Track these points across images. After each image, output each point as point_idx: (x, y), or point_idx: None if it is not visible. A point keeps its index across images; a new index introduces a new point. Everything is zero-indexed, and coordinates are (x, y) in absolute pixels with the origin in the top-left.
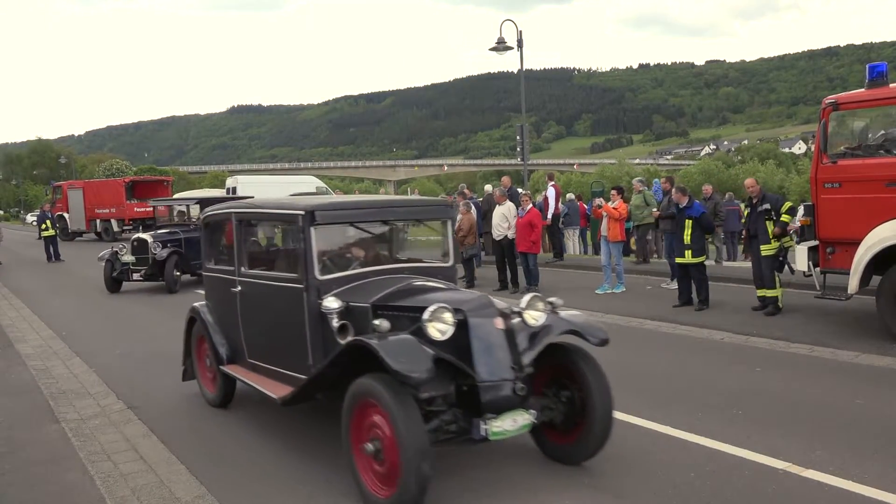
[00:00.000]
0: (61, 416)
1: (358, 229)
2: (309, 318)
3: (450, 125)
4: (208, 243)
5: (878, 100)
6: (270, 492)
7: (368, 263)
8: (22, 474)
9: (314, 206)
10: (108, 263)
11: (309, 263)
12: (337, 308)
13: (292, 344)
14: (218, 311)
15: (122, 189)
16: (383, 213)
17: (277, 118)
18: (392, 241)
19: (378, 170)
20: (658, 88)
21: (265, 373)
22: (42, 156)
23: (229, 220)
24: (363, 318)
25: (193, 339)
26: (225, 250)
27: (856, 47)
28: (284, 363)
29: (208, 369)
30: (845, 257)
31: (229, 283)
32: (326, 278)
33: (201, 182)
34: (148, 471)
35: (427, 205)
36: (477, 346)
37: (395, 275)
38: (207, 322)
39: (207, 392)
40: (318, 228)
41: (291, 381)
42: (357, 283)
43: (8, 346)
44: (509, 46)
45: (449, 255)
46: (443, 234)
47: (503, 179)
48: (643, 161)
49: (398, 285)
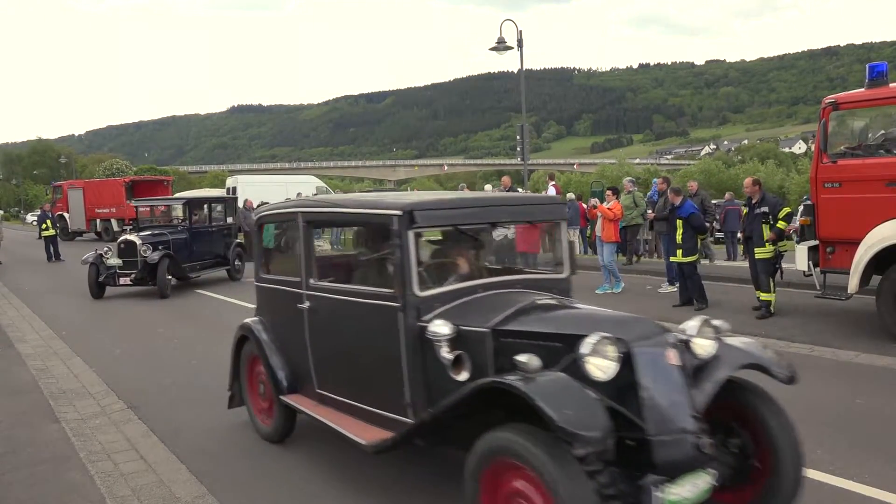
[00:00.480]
0: (61, 416)
1: (460, 233)
2: (406, 344)
3: (450, 125)
4: (264, 249)
5: (878, 99)
6: (271, 491)
7: (470, 275)
8: (22, 474)
9: (412, 204)
10: (93, 267)
11: (407, 276)
12: (448, 334)
13: (381, 375)
14: (278, 330)
15: (122, 189)
16: (491, 214)
17: (278, 118)
18: (495, 246)
19: (378, 170)
20: (658, 88)
21: (342, 408)
22: (42, 155)
23: (294, 221)
24: (479, 346)
25: (244, 360)
26: (287, 258)
27: (856, 47)
28: (370, 398)
29: (263, 398)
30: (845, 257)
31: (294, 298)
32: (427, 294)
33: (201, 182)
34: (148, 470)
35: (540, 203)
36: (647, 387)
37: (504, 289)
38: (263, 342)
39: (261, 425)
40: (416, 232)
41: (380, 421)
42: (463, 301)
43: (8, 346)
44: (509, 46)
45: (563, 263)
46: (556, 238)
47: (503, 179)
48: (643, 161)
49: (521, 303)
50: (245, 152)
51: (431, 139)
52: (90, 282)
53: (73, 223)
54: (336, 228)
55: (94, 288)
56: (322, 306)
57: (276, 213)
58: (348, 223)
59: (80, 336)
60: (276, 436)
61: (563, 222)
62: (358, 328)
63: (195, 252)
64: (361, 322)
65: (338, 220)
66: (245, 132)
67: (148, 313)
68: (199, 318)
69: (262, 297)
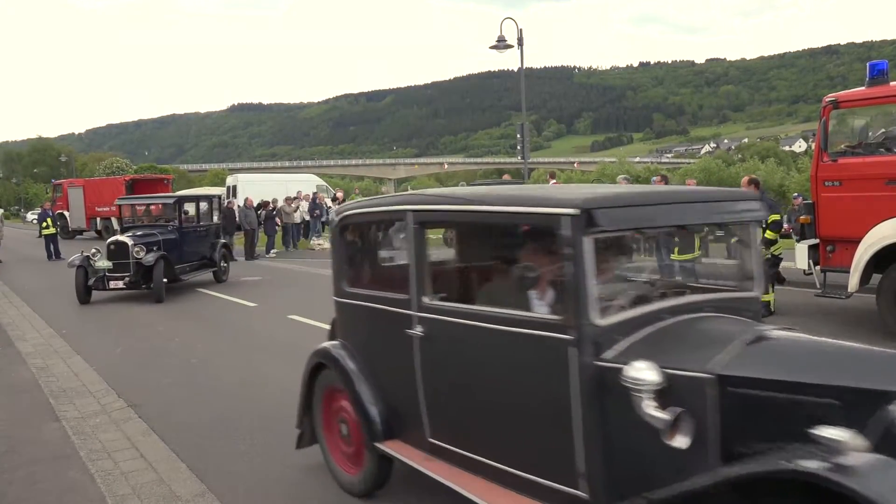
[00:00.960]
0: (61, 415)
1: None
2: (580, 391)
3: (450, 123)
4: (349, 256)
5: (879, 98)
6: (271, 490)
7: (654, 295)
8: (22, 473)
9: (590, 200)
10: (81, 270)
11: (582, 298)
12: (657, 383)
13: (537, 430)
14: (371, 359)
15: (122, 187)
16: (684, 213)
17: (278, 116)
18: None
19: (378, 168)
20: (658, 87)
21: (469, 466)
22: (42, 154)
23: (401, 221)
24: (697, 398)
25: (318, 392)
26: (388, 268)
27: (856, 45)
28: (517, 459)
29: (346, 441)
30: (845, 255)
31: (398, 321)
32: (609, 323)
33: (202, 181)
34: (148, 469)
35: (735, 198)
36: None
37: (695, 313)
38: (350, 373)
39: (343, 473)
40: (597, 239)
41: (534, 491)
42: (651, 331)
43: (8, 345)
44: (510, 45)
45: (754, 278)
46: (748, 243)
47: (503, 178)
48: (643, 159)
49: (742, 335)
50: (245, 151)
51: (431, 138)
52: (78, 286)
53: (73, 222)
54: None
55: (82, 293)
56: (442, 334)
57: (371, 211)
58: (485, 225)
59: (80, 335)
60: (365, 488)
61: (757, 224)
62: (500, 366)
63: (185, 253)
64: (506, 358)
65: (468, 220)
66: (245, 131)
67: (147, 312)
68: (198, 317)
69: (347, 316)
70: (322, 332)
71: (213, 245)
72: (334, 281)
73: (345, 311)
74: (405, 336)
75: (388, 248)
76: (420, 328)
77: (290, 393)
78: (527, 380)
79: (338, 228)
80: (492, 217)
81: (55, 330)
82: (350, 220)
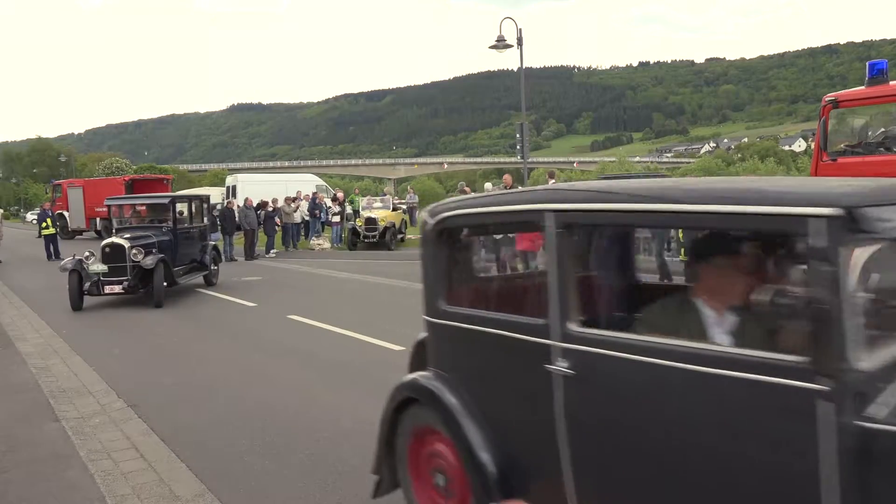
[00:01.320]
0: (61, 415)
1: None
2: (838, 463)
3: (450, 123)
4: (450, 266)
5: (878, 97)
6: (271, 489)
7: None
8: (22, 472)
9: (849, 195)
10: (74, 274)
11: (839, 333)
12: None
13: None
14: (483, 396)
15: (121, 187)
16: None
17: (277, 116)
18: None
19: (378, 168)
20: (658, 86)
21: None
22: (42, 154)
23: (534, 223)
24: None
25: (404, 433)
26: (510, 283)
27: (856, 45)
28: None
29: (444, 495)
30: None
31: (528, 351)
32: (878, 366)
33: (201, 180)
34: (148, 469)
35: None
36: None
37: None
38: (454, 410)
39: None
40: (863, 248)
41: None
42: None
43: (8, 345)
44: (509, 44)
45: None
46: None
47: (505, 177)
48: (643, 159)
49: None
50: (245, 151)
51: (431, 137)
52: (72, 292)
53: (72, 222)
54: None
55: (76, 299)
56: (602, 373)
57: (487, 211)
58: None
59: (79, 334)
60: None
61: None
62: (696, 423)
63: (179, 255)
64: (708, 413)
65: (641, 223)
66: (245, 131)
67: (147, 312)
68: (198, 317)
69: (447, 341)
70: (322, 331)
71: (203, 248)
72: (427, 297)
73: (443, 334)
74: (540, 372)
75: (511, 258)
76: (565, 363)
77: (290, 393)
78: (741, 444)
79: (435, 232)
80: (689, 220)
81: (55, 330)
82: (454, 222)
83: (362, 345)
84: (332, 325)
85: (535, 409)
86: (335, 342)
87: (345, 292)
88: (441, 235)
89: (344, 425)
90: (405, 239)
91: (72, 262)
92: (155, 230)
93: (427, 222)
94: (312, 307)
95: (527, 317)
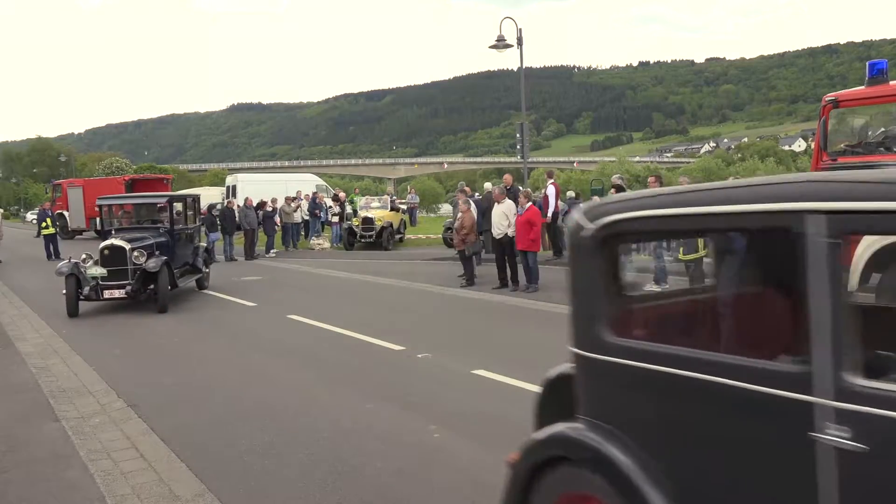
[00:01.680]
0: (61, 415)
1: None
2: None
3: (450, 123)
4: (622, 287)
5: (879, 97)
6: (271, 489)
7: None
8: (22, 472)
9: None
10: (72, 278)
11: None
12: None
13: None
14: (678, 459)
15: (121, 187)
16: None
17: (277, 116)
18: None
19: (378, 168)
20: (658, 86)
21: None
22: (42, 154)
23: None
24: None
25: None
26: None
27: (856, 45)
28: None
29: None
30: (845, 255)
31: (774, 413)
32: None
33: (201, 180)
34: (148, 469)
35: None
36: None
37: None
38: (633, 476)
39: None
40: None
41: None
42: None
43: (8, 345)
44: (509, 44)
45: None
46: None
47: (505, 177)
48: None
49: None
50: (245, 150)
51: (431, 137)
52: (69, 297)
53: (72, 221)
54: None
55: (74, 305)
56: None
57: (685, 213)
58: None
59: (79, 334)
60: None
61: None
62: None
63: (176, 257)
64: None
65: None
66: (245, 130)
67: (147, 312)
68: (198, 317)
69: (618, 384)
70: (322, 331)
71: (195, 249)
72: (579, 324)
73: (608, 375)
74: (794, 440)
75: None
76: (842, 432)
77: (289, 393)
78: None
79: (597, 240)
80: None
81: (55, 330)
82: (627, 227)
83: (362, 345)
84: (332, 325)
85: (778, 492)
86: (335, 342)
87: (345, 292)
88: (605, 244)
89: (344, 425)
90: (404, 239)
91: (68, 266)
92: (152, 231)
93: (583, 227)
94: (312, 307)
95: (763, 360)
